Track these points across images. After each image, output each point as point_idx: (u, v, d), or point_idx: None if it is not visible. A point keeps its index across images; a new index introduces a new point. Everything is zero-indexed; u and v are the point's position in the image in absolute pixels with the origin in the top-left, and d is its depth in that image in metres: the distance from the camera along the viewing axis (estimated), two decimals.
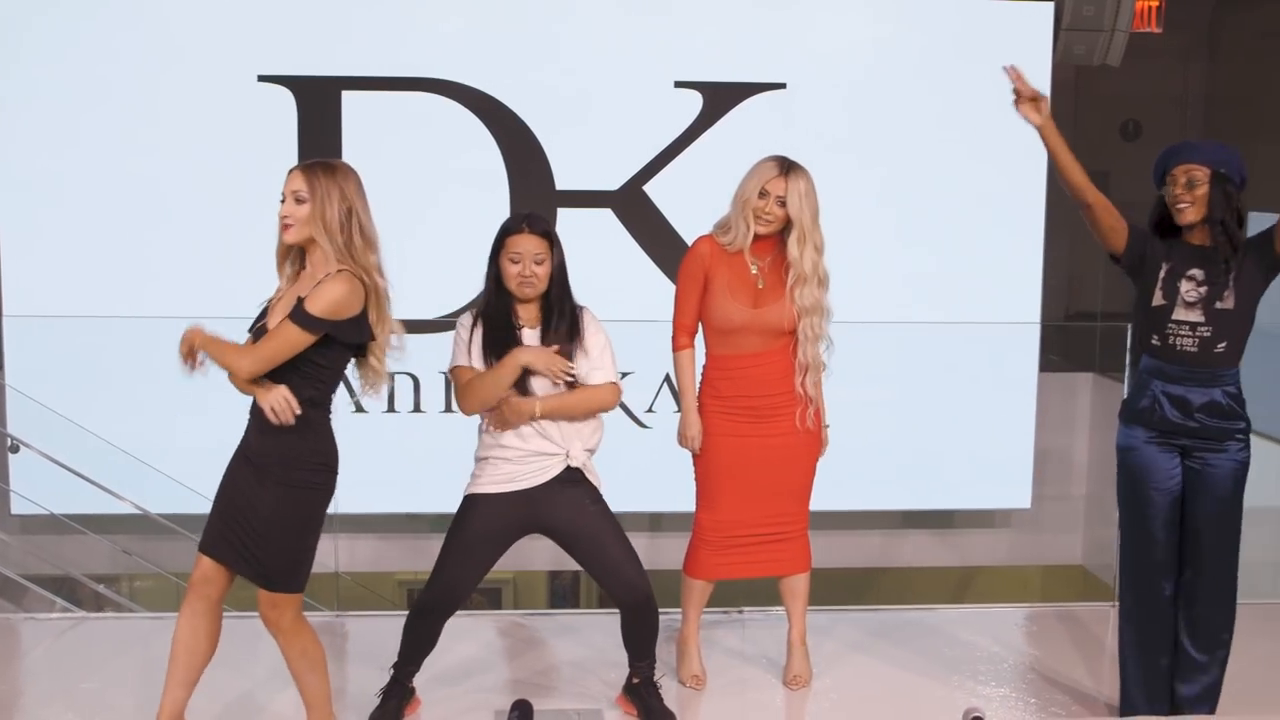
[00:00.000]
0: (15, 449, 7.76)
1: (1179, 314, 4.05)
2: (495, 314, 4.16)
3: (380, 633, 4.15)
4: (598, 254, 8.33)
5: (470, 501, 4.19)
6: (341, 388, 3.83)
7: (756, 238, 4.34)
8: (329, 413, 3.79)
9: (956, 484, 8.52)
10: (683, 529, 4.62)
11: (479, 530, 4.13)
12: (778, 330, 4.36)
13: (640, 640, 4.31)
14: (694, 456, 4.52)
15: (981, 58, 8.43)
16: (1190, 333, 4.04)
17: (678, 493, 4.68)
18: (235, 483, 3.76)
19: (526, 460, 4.13)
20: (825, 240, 4.37)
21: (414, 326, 7.94)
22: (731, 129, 8.24)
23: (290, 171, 3.74)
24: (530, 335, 4.15)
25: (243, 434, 3.80)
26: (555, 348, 4.10)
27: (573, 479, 4.18)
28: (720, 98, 8.30)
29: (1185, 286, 4.04)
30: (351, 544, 7.68)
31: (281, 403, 3.63)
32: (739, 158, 7.86)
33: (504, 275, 4.14)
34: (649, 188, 8.34)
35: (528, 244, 4.11)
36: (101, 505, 7.71)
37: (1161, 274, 4.06)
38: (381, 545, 8.30)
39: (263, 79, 8.05)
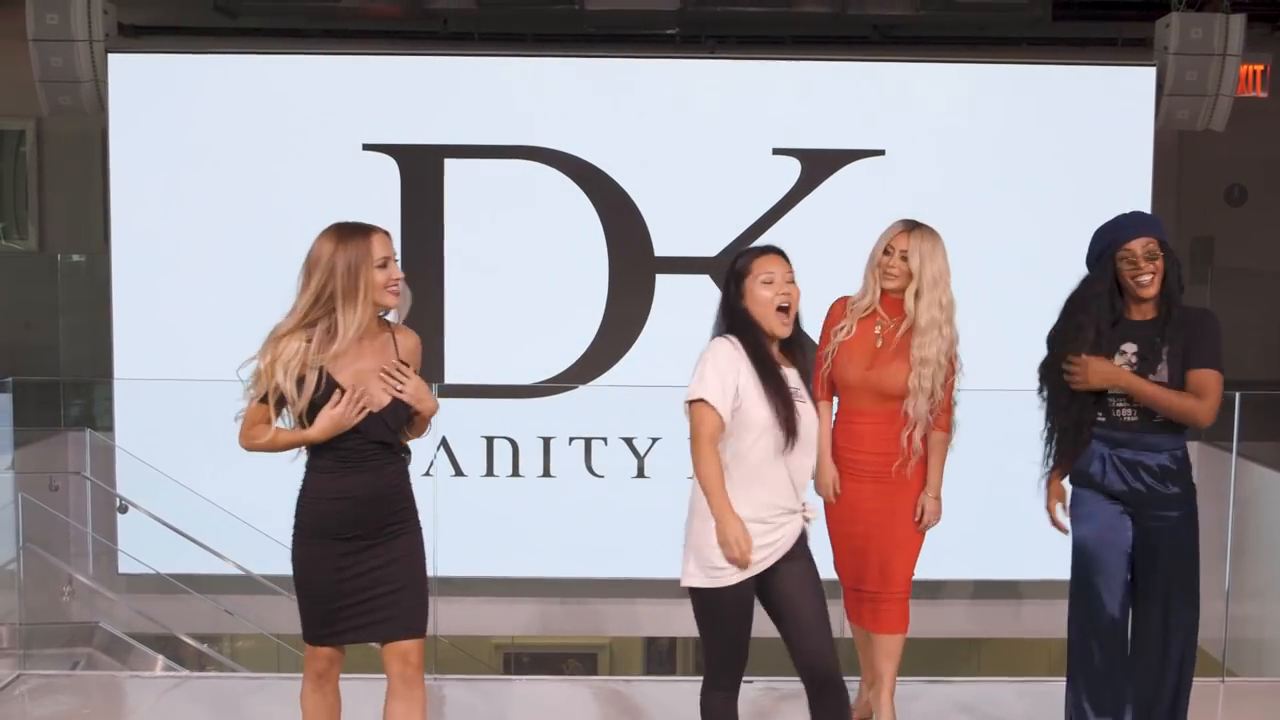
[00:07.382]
0: (124, 509, 7.94)
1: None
2: (760, 352, 3.76)
3: (476, 696, 4.14)
4: (696, 320, 8.33)
5: (715, 596, 3.71)
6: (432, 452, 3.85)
7: (884, 294, 4.45)
8: None
9: (1050, 551, 8.34)
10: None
11: (736, 617, 3.72)
12: (888, 393, 4.40)
13: None
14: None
15: (1083, 123, 8.37)
16: (1128, 404, 4.11)
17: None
18: (344, 563, 3.66)
19: (778, 525, 3.73)
20: (955, 301, 4.47)
21: (511, 391, 8.12)
22: (829, 195, 8.20)
23: (380, 234, 3.69)
24: (792, 375, 3.80)
25: (310, 520, 3.71)
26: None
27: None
28: (818, 164, 8.29)
29: (1119, 361, 4.11)
30: (449, 607, 7.71)
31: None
32: (837, 224, 7.85)
33: (755, 300, 3.78)
34: None
35: (777, 265, 3.80)
36: (205, 565, 7.84)
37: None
38: (478, 609, 8.33)
39: (367, 148, 8.22)
